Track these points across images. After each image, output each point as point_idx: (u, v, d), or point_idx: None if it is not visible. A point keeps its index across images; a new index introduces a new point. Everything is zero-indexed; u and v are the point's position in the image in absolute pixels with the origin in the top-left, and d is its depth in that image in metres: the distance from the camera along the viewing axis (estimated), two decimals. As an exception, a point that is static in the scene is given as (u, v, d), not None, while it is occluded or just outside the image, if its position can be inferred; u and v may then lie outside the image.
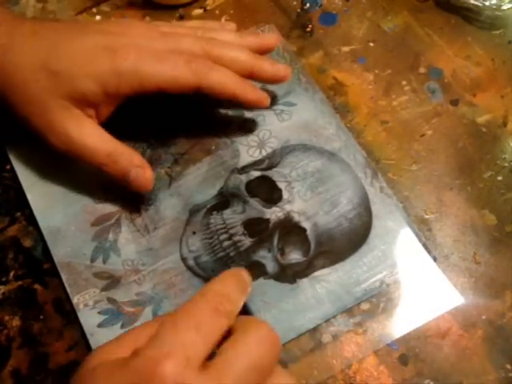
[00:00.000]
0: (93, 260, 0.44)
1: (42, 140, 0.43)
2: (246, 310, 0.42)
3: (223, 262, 0.43)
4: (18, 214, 0.46)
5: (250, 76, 0.45)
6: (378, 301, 0.42)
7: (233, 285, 0.34)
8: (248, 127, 0.48)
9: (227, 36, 0.46)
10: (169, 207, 0.45)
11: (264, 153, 0.47)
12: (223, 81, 0.43)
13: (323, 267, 0.43)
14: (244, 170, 0.46)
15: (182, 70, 0.42)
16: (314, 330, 0.42)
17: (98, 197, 0.45)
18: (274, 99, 0.49)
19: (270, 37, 0.48)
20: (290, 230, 0.44)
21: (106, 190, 0.45)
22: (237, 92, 0.44)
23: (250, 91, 0.45)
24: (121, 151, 0.43)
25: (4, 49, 0.42)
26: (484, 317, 0.42)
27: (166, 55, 0.43)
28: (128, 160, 0.43)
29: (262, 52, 0.47)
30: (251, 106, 0.46)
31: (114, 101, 0.43)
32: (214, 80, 0.43)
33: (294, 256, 0.43)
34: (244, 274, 0.36)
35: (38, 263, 0.44)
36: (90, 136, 0.43)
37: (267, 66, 0.45)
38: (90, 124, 0.43)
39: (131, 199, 0.45)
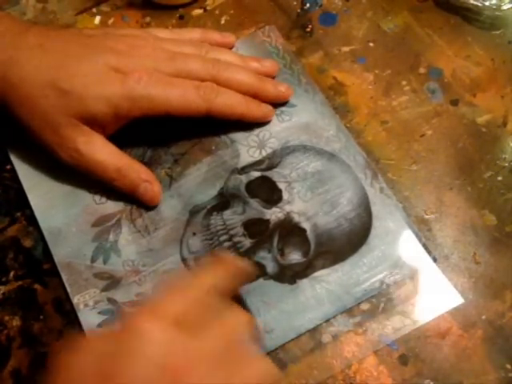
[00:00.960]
0: (93, 260, 0.44)
1: (51, 154, 0.44)
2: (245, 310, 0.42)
3: (223, 263, 0.43)
4: (18, 214, 0.46)
5: (254, 97, 0.47)
6: (378, 301, 0.42)
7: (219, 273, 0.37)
8: (248, 127, 0.48)
9: (230, 57, 0.48)
10: (169, 208, 0.45)
11: (264, 153, 0.47)
12: (230, 103, 0.45)
13: (323, 268, 0.43)
14: (244, 170, 0.46)
15: (192, 96, 0.44)
16: (314, 330, 0.42)
17: (98, 198, 0.45)
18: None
19: (270, 65, 0.49)
20: (290, 230, 0.44)
21: (107, 191, 0.45)
22: (244, 112, 0.46)
23: (256, 109, 0.47)
24: (129, 166, 0.45)
25: (11, 62, 0.42)
26: (484, 317, 0.42)
27: (175, 81, 0.44)
28: (137, 175, 0.44)
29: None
30: (258, 122, 0.48)
31: (122, 121, 0.44)
32: (221, 104, 0.45)
33: (294, 256, 0.43)
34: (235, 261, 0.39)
35: (38, 263, 0.44)
36: (99, 152, 0.44)
37: (270, 88, 0.48)
38: (99, 140, 0.44)
39: (132, 200, 0.45)
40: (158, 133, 0.48)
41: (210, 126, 0.47)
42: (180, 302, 0.34)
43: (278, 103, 0.48)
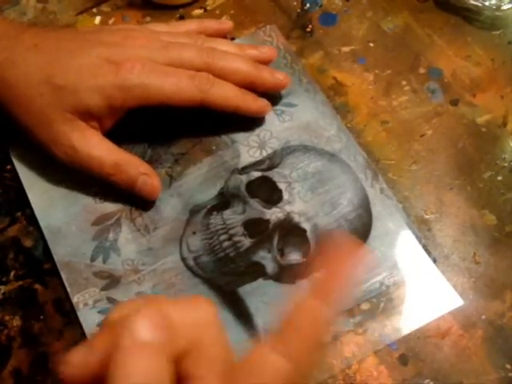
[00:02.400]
0: (93, 259, 0.44)
1: (47, 152, 0.44)
2: (245, 312, 0.42)
3: (223, 263, 0.43)
4: (19, 214, 0.46)
5: (251, 86, 0.46)
6: (378, 301, 0.42)
7: None
8: (249, 127, 0.48)
9: (226, 46, 0.47)
10: (169, 207, 0.45)
11: (264, 153, 0.47)
12: (225, 95, 0.45)
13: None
14: (244, 170, 0.46)
15: (186, 86, 0.44)
16: (314, 330, 0.42)
17: (98, 196, 0.45)
18: (275, 100, 0.49)
19: (268, 50, 0.49)
20: (290, 230, 0.44)
21: (107, 190, 0.45)
22: (239, 104, 0.46)
23: (251, 102, 0.46)
24: (127, 160, 0.44)
25: (7, 63, 0.43)
26: (484, 317, 0.42)
27: (170, 70, 0.44)
28: (135, 169, 0.44)
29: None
30: (254, 116, 0.47)
31: (118, 113, 0.44)
32: (216, 95, 0.44)
33: (294, 257, 0.43)
34: None
35: (38, 263, 0.44)
36: (95, 147, 0.43)
37: (267, 76, 0.47)
38: (94, 135, 0.44)
39: (132, 199, 0.45)
40: (158, 132, 0.48)
41: (211, 126, 0.48)
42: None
43: (276, 92, 0.48)
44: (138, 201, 0.45)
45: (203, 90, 0.44)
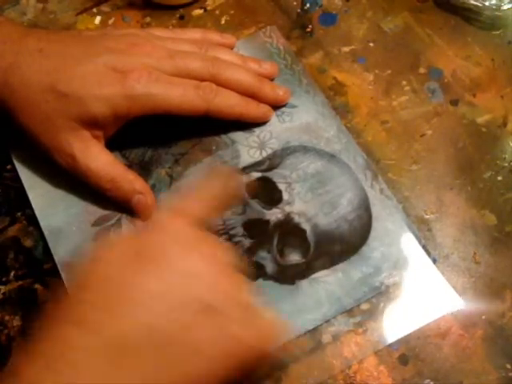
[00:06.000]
0: (93, 260, 0.44)
1: (48, 158, 0.44)
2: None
3: (223, 263, 0.43)
4: (19, 214, 0.46)
5: (252, 97, 0.47)
6: (378, 301, 0.42)
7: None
8: (248, 128, 0.48)
9: (230, 56, 0.48)
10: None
11: (264, 154, 0.47)
12: (229, 104, 0.45)
13: (323, 268, 0.43)
14: (244, 170, 0.46)
15: (191, 96, 0.44)
16: (314, 330, 0.42)
17: (99, 197, 0.45)
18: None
19: (269, 67, 0.49)
20: (290, 231, 0.44)
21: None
22: (243, 112, 0.46)
23: (254, 109, 0.47)
24: (123, 177, 0.44)
25: (12, 68, 0.42)
26: (484, 317, 0.42)
27: (175, 80, 0.44)
28: (130, 186, 0.44)
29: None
30: (257, 122, 0.48)
31: (122, 121, 0.44)
32: (221, 104, 0.45)
33: (294, 257, 0.43)
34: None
35: (38, 263, 0.44)
36: (94, 160, 0.43)
37: (268, 91, 0.48)
38: (95, 147, 0.44)
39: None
40: (158, 133, 0.48)
41: (211, 127, 0.47)
42: (196, 207, 0.37)
43: (275, 105, 0.48)
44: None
45: (208, 100, 0.44)
